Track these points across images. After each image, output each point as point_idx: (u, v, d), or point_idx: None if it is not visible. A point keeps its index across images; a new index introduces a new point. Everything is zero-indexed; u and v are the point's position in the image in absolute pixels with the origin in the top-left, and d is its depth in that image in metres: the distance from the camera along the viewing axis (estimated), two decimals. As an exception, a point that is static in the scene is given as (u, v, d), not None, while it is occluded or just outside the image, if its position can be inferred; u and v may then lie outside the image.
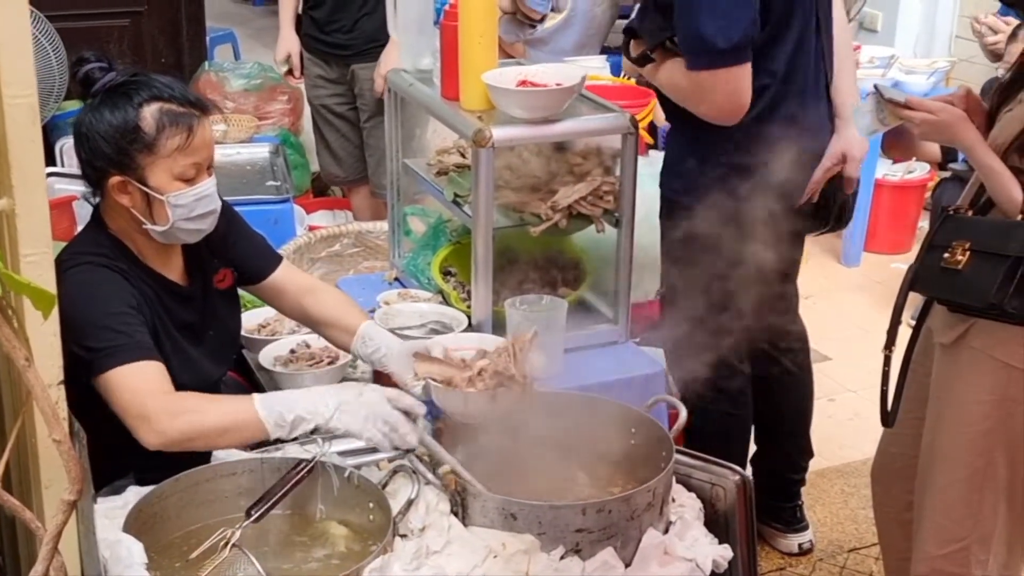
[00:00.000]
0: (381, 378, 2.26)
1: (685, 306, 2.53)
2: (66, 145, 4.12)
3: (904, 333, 2.33)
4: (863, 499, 3.07)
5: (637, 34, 2.54)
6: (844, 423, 3.59)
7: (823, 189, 2.66)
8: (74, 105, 4.45)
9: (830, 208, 2.65)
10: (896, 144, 4.94)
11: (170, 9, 4.77)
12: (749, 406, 2.81)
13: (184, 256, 2.25)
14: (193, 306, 2.24)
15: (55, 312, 1.45)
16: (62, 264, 2.06)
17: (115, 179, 2.09)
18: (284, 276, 2.36)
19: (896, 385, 2.34)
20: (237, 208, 3.03)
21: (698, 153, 2.53)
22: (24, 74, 1.43)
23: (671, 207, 2.61)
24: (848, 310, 4.39)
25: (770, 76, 2.48)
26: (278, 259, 2.39)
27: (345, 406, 1.96)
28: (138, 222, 2.12)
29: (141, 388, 1.98)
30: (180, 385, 2.06)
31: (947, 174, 4.55)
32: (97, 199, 2.18)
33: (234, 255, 2.32)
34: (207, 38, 5.32)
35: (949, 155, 4.61)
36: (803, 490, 3.10)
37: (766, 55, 2.45)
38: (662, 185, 2.67)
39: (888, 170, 5.03)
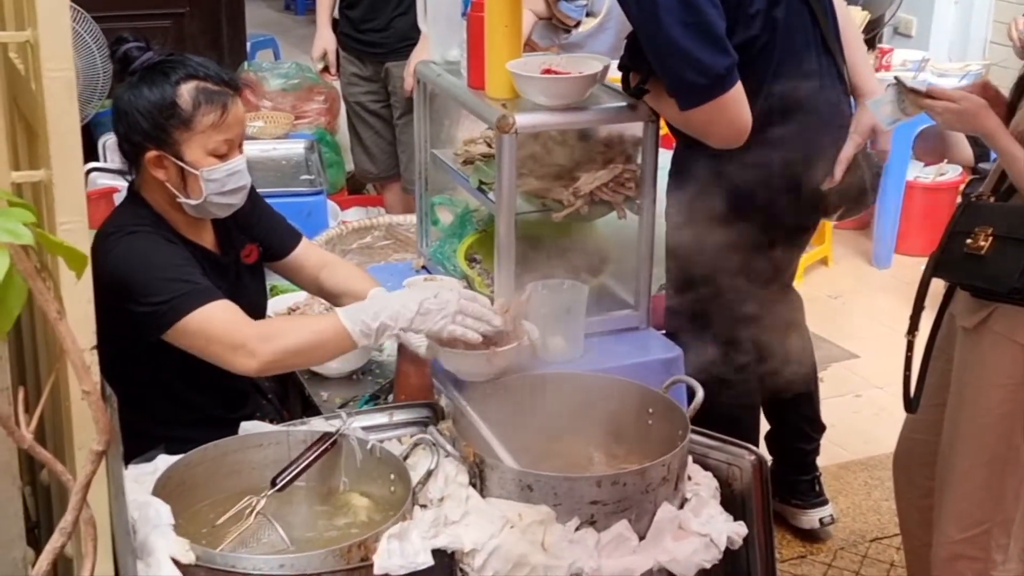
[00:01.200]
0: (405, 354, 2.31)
1: (692, 303, 2.58)
2: (109, 141, 4.22)
3: (928, 320, 2.36)
4: (886, 491, 3.09)
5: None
6: (870, 418, 3.61)
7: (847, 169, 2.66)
8: (116, 103, 4.56)
9: (847, 188, 2.66)
10: (927, 147, 4.95)
11: (211, 10, 4.88)
12: (756, 393, 2.84)
13: (215, 231, 2.33)
14: (228, 278, 2.32)
15: (88, 277, 1.52)
16: (110, 236, 2.17)
17: (152, 154, 2.17)
18: (304, 252, 2.47)
19: (919, 371, 2.37)
20: (271, 200, 3.15)
21: (711, 155, 2.54)
22: (61, 49, 1.49)
23: (681, 205, 2.63)
24: (877, 310, 4.40)
25: (765, 74, 2.47)
26: (299, 236, 2.50)
27: (425, 308, 2.06)
28: (172, 196, 2.20)
29: (228, 320, 2.09)
30: None
31: (978, 175, 4.55)
32: (133, 175, 2.27)
33: (260, 231, 2.42)
34: (248, 42, 5.44)
35: (981, 156, 4.61)
36: (826, 481, 3.13)
37: (755, 63, 2.43)
38: (672, 183, 2.67)
39: (920, 172, 5.04)
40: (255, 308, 2.40)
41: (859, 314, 4.41)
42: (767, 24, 2.41)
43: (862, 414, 3.67)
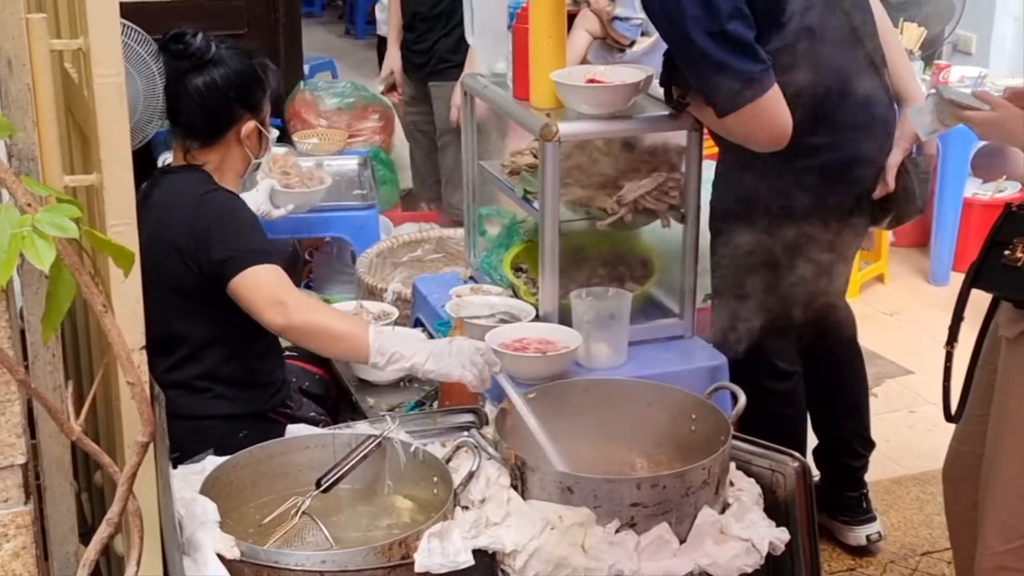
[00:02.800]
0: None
1: (737, 314, 2.58)
2: (168, 159, 4.32)
3: (971, 331, 2.33)
4: (938, 506, 3.04)
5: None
6: (923, 433, 3.57)
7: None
8: (176, 122, 4.66)
9: (894, 196, 2.64)
10: (986, 164, 4.89)
11: (269, 32, 4.96)
12: (802, 403, 2.82)
13: None
14: None
15: (136, 276, 1.56)
16: (209, 192, 2.39)
17: (250, 124, 2.44)
18: None
19: (964, 381, 2.34)
20: (324, 214, 3.30)
21: (756, 164, 2.54)
22: (112, 55, 1.54)
23: (725, 214, 2.64)
24: (934, 327, 4.33)
25: (804, 81, 2.45)
26: None
27: (437, 352, 2.18)
28: (248, 162, 2.49)
29: (280, 281, 2.28)
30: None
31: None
32: (186, 151, 2.46)
33: None
34: (307, 64, 5.53)
35: (1040, 172, 4.55)
36: (878, 495, 3.08)
37: (794, 71, 2.43)
38: (715, 194, 2.67)
39: (978, 189, 4.98)
40: None
41: (915, 331, 4.36)
42: (803, 32, 2.41)
43: (916, 429, 3.63)
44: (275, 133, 2.62)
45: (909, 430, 3.61)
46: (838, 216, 2.59)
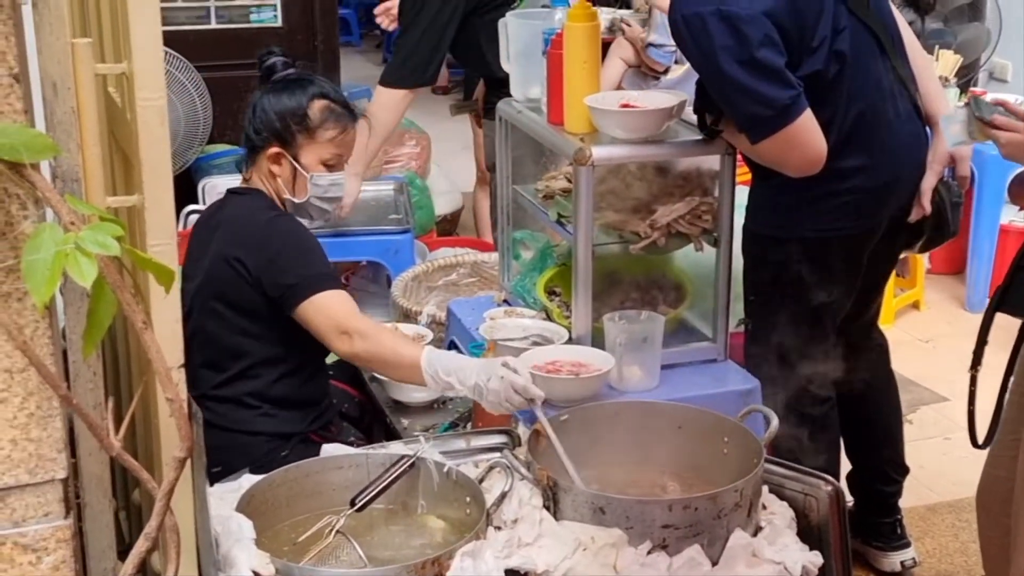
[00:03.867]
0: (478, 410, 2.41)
1: (772, 339, 2.57)
2: (208, 185, 4.38)
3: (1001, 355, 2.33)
4: (973, 533, 3.01)
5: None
6: (958, 460, 3.54)
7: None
8: (216, 148, 4.73)
9: (927, 219, 2.64)
10: (1022, 191, 4.86)
11: (307, 60, 5.04)
12: (837, 428, 2.81)
13: None
14: None
15: (176, 295, 1.59)
16: (274, 218, 2.45)
17: (274, 150, 2.47)
18: None
19: (995, 405, 2.33)
20: (360, 238, 3.35)
21: (790, 189, 2.55)
22: (155, 79, 1.58)
23: (760, 239, 2.64)
24: (969, 355, 4.30)
25: (837, 105, 2.46)
26: None
27: (478, 387, 2.22)
28: (280, 191, 2.49)
29: (348, 308, 2.38)
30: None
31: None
32: (245, 169, 2.55)
33: None
34: (345, 92, 5.58)
35: (1078, 201, 4.52)
36: (913, 523, 3.06)
37: (827, 96, 2.44)
38: (750, 219, 2.67)
39: (1014, 216, 4.95)
40: None
41: (950, 358, 4.32)
42: (832, 56, 2.42)
43: (950, 456, 3.60)
44: (330, 177, 2.55)
45: (944, 457, 3.59)
46: (873, 239, 2.59)
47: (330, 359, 2.63)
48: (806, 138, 2.39)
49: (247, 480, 2.04)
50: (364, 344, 2.32)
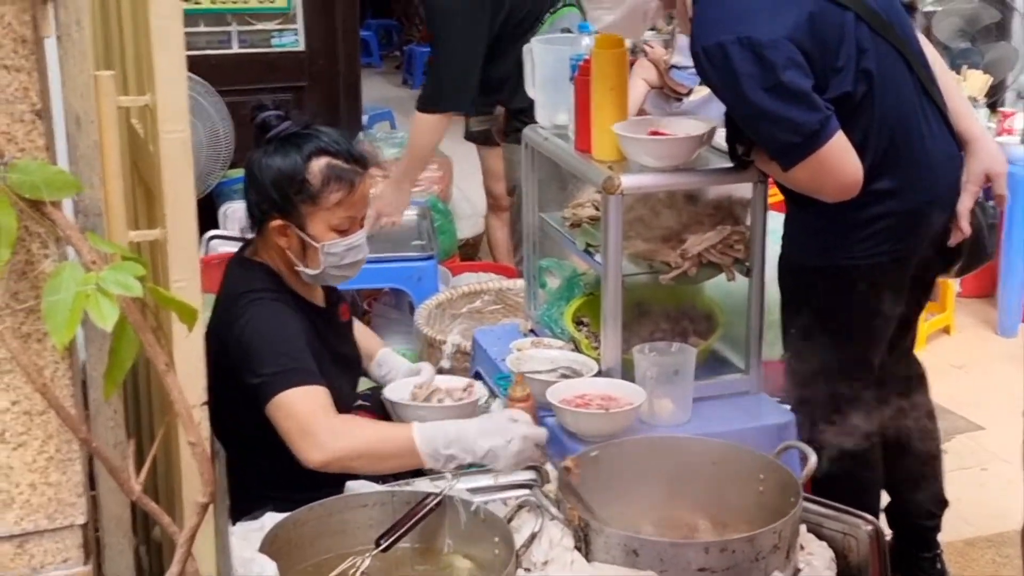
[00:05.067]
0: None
1: (812, 371, 2.51)
2: (229, 209, 4.35)
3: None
4: (1016, 569, 2.96)
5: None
6: (997, 492, 3.47)
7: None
8: (238, 173, 4.71)
9: (964, 242, 2.57)
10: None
11: (329, 84, 5.03)
12: (879, 466, 2.74)
13: (322, 287, 2.42)
14: (334, 330, 2.37)
15: (199, 333, 1.55)
16: (240, 298, 2.23)
17: (276, 222, 2.25)
18: None
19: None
20: (382, 264, 3.22)
21: (826, 215, 2.50)
22: (178, 111, 1.54)
23: (797, 268, 2.58)
24: (1003, 380, 4.24)
25: (869, 127, 2.41)
26: None
27: (493, 452, 2.11)
28: (291, 262, 2.28)
29: (309, 408, 2.12)
30: None
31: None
32: (254, 235, 2.35)
33: None
34: (366, 114, 5.58)
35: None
36: (951, 558, 2.98)
37: (858, 118, 2.38)
38: (786, 249, 2.61)
39: (1047, 238, 4.88)
40: (355, 363, 2.49)
41: (984, 384, 4.26)
42: (860, 78, 2.36)
43: (988, 488, 3.52)
44: (345, 243, 2.29)
45: (981, 488, 3.51)
46: (911, 264, 2.53)
47: (361, 386, 2.56)
48: (839, 161, 2.34)
49: (270, 519, 1.99)
50: (339, 443, 2.09)
